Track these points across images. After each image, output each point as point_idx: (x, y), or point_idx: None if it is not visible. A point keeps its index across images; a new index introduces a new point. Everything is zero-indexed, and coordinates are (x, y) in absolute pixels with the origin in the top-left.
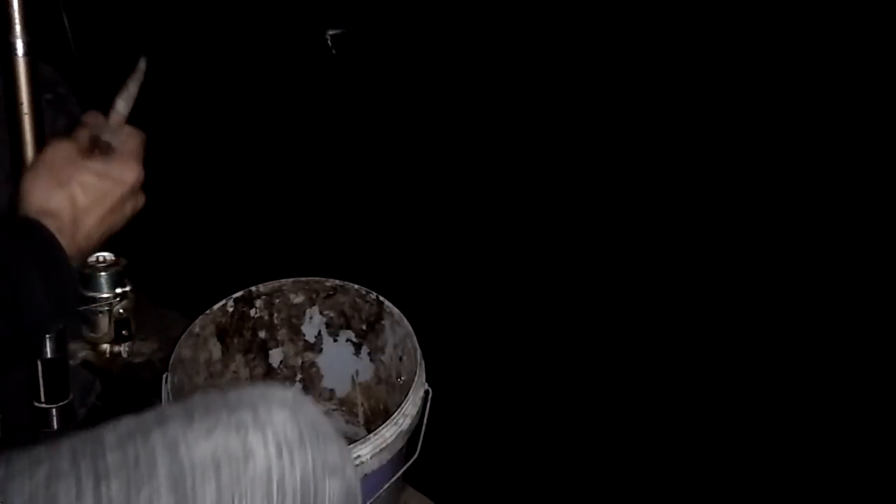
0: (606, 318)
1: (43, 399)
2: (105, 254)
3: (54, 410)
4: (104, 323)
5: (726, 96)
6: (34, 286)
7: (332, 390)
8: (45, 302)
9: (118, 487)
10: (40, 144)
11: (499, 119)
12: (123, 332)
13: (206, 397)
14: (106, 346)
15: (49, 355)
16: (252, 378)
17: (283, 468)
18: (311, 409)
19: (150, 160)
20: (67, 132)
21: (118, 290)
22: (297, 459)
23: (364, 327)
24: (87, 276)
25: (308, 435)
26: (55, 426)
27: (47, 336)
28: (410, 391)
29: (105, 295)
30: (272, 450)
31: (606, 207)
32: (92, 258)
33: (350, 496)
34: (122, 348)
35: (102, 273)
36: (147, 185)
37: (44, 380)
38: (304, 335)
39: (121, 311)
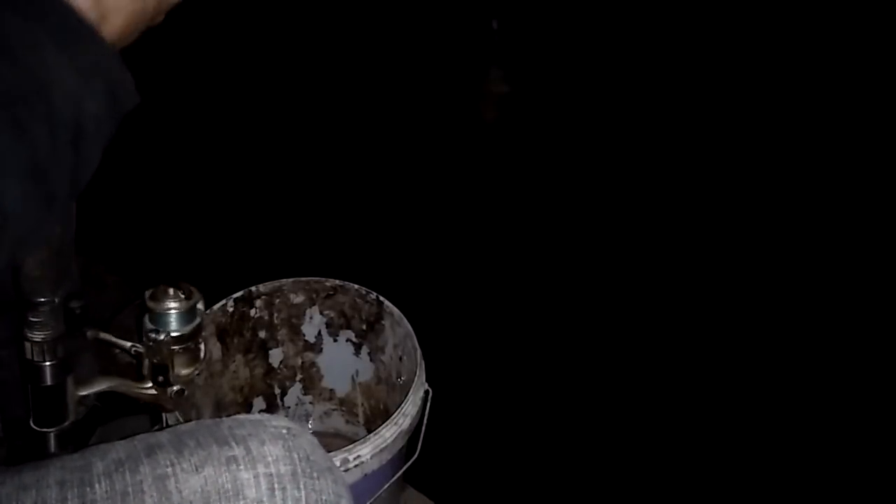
0: (607, 318)
1: (40, 425)
2: (177, 289)
3: (52, 435)
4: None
5: (726, 96)
6: (57, 69)
7: (332, 390)
8: (76, 85)
9: None
10: None
11: (499, 119)
12: (160, 377)
13: (197, 426)
14: (150, 384)
15: (47, 382)
16: (252, 378)
17: None
18: (307, 441)
19: (151, 160)
20: None
21: (173, 333)
22: (290, 496)
23: (364, 327)
24: (150, 311)
25: (302, 470)
26: (52, 450)
27: (46, 363)
28: (410, 391)
29: (160, 337)
30: (263, 486)
31: (607, 207)
32: (159, 290)
33: None
34: (170, 391)
35: (168, 312)
36: (147, 184)
37: (41, 407)
38: (304, 335)
39: (157, 357)
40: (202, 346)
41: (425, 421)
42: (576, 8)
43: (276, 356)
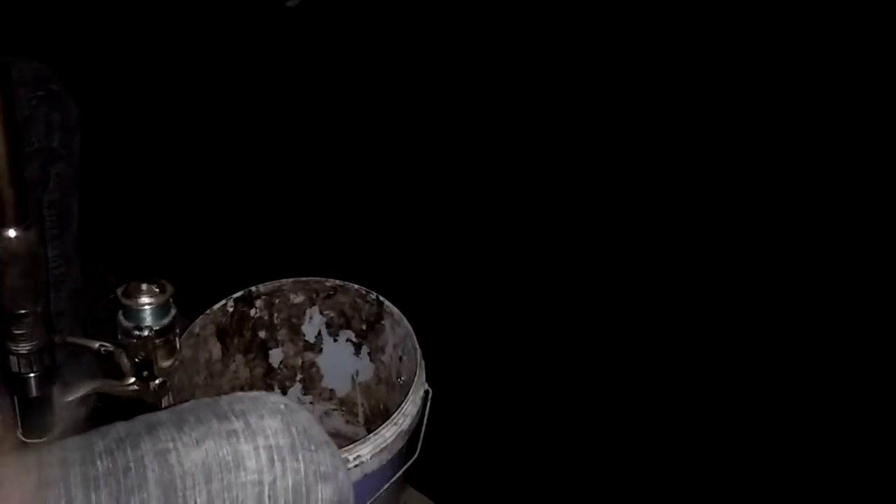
0: (607, 318)
1: (28, 436)
2: (151, 284)
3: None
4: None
5: (725, 96)
6: None
7: (332, 390)
8: None
9: (108, 496)
10: (15, 170)
11: (499, 119)
12: (145, 373)
13: (197, 404)
14: (132, 379)
15: (33, 394)
16: (252, 378)
17: (275, 476)
18: (304, 416)
19: (151, 159)
20: (61, 127)
21: (155, 327)
22: (289, 467)
23: (364, 327)
24: (126, 308)
25: (300, 443)
26: None
27: (31, 374)
28: (410, 391)
29: (144, 333)
30: (263, 458)
31: (607, 207)
32: (131, 286)
33: (342, 501)
34: (153, 384)
35: (146, 307)
36: (147, 185)
37: (26, 419)
38: (304, 335)
39: (142, 353)
40: (178, 338)
41: (425, 421)
42: None
43: (276, 356)
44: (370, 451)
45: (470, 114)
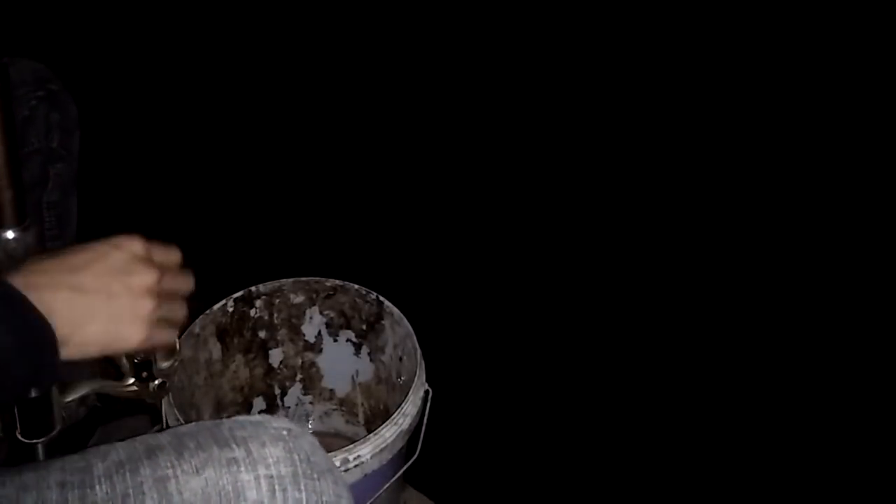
0: (606, 318)
1: (27, 436)
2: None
3: (40, 446)
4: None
5: (726, 96)
6: None
7: (332, 390)
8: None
9: None
10: (14, 171)
11: (498, 119)
12: (143, 373)
13: (198, 428)
14: (131, 380)
15: (33, 394)
16: (252, 378)
17: None
18: (307, 442)
19: (150, 160)
20: (61, 127)
21: None
22: (291, 497)
23: (364, 327)
24: None
25: (303, 471)
26: (42, 459)
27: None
28: (410, 391)
29: None
30: (264, 488)
31: (606, 207)
32: None
33: None
34: (152, 385)
35: None
36: (146, 184)
37: (27, 419)
38: (304, 335)
39: (140, 354)
40: (178, 338)
41: (425, 421)
42: None
43: (276, 356)
44: (370, 451)
45: (469, 114)
